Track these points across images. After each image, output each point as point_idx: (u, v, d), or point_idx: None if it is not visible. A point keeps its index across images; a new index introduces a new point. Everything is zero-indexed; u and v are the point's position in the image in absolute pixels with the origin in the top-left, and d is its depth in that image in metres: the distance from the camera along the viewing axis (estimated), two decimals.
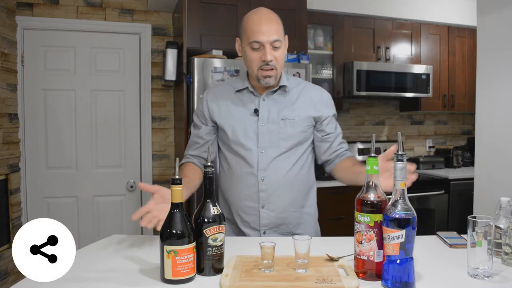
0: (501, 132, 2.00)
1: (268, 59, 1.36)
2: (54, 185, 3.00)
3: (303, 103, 1.49)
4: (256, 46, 1.37)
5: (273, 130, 1.45)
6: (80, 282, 1.00)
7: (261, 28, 1.35)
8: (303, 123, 1.47)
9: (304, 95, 1.50)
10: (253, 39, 1.36)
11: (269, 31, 1.36)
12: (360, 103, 3.78)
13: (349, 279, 0.98)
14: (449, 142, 4.13)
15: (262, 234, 1.47)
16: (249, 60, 1.41)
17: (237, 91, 1.49)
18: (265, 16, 1.39)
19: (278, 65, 1.40)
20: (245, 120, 1.46)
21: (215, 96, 1.52)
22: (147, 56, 3.15)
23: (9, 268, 2.65)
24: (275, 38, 1.36)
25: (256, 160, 1.45)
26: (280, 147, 1.46)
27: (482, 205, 2.09)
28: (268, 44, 1.36)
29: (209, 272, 1.03)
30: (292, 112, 1.47)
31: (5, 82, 2.70)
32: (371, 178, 1.01)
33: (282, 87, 1.48)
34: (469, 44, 3.70)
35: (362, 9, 3.38)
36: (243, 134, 1.46)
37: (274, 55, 1.38)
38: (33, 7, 2.92)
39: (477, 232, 1.00)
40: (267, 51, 1.36)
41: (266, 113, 1.46)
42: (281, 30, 1.41)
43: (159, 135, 3.22)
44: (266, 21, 1.37)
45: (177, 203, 1.00)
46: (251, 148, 1.45)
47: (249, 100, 1.48)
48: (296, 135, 1.47)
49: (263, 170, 1.45)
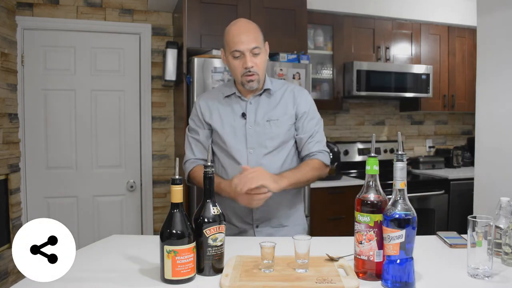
0: (501, 132, 2.00)
1: (248, 66, 1.47)
2: (54, 185, 3.00)
3: (285, 102, 1.58)
4: (237, 54, 1.48)
5: (260, 132, 1.54)
6: (80, 282, 1.00)
7: (240, 38, 1.46)
8: (287, 122, 1.56)
9: (286, 95, 1.60)
10: (234, 48, 1.47)
11: (248, 40, 1.46)
12: (360, 103, 3.78)
13: (349, 279, 0.98)
14: (449, 142, 4.13)
15: (255, 227, 1.55)
16: (233, 68, 1.52)
17: (225, 96, 1.59)
18: (243, 27, 1.50)
19: (259, 70, 1.50)
20: (234, 123, 1.56)
21: (206, 102, 1.61)
22: (147, 56, 3.15)
23: (9, 268, 2.65)
24: (254, 46, 1.47)
25: (245, 159, 1.53)
26: (267, 146, 1.54)
27: (482, 205, 2.09)
28: (248, 52, 1.46)
29: (209, 272, 1.03)
30: (276, 112, 1.55)
31: (5, 82, 2.70)
32: (371, 178, 1.01)
33: (266, 90, 1.58)
34: (469, 44, 3.70)
35: (362, 9, 3.38)
36: (233, 136, 1.55)
37: (254, 62, 1.48)
38: (33, 7, 2.92)
39: (477, 232, 1.01)
40: (247, 59, 1.47)
41: (253, 116, 1.56)
42: (260, 37, 1.51)
43: (159, 135, 3.22)
44: (244, 31, 1.48)
45: (177, 203, 1.01)
46: (240, 149, 1.54)
47: (237, 104, 1.58)
48: (282, 135, 1.55)
49: None
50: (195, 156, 1.61)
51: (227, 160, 1.57)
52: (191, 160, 1.61)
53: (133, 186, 3.14)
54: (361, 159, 3.56)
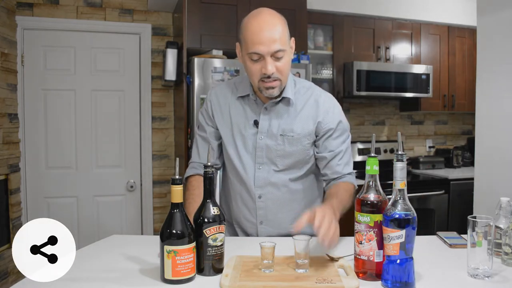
0: (501, 132, 2.00)
1: (269, 72, 1.23)
2: (54, 185, 3.00)
3: (306, 115, 1.35)
4: (255, 57, 1.23)
5: (271, 146, 1.34)
6: (80, 282, 1.00)
7: (261, 37, 1.20)
8: (304, 141, 1.35)
9: (309, 106, 1.36)
10: (252, 50, 1.22)
11: (270, 40, 1.20)
12: (360, 103, 3.77)
13: (349, 279, 0.98)
14: (449, 142, 4.12)
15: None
16: (249, 72, 1.28)
17: (239, 97, 1.39)
18: (266, 22, 1.22)
19: (282, 76, 1.27)
20: (244, 131, 1.36)
21: (218, 100, 1.43)
22: (147, 56, 3.15)
23: (9, 268, 2.65)
24: (277, 49, 1.21)
25: (252, 176, 1.36)
26: (278, 165, 1.35)
27: (482, 205, 2.09)
28: (269, 55, 1.22)
29: (209, 272, 1.03)
30: (293, 126, 1.34)
31: (5, 82, 2.70)
32: (371, 178, 1.01)
33: (285, 98, 1.34)
34: (469, 44, 3.69)
35: (362, 9, 3.37)
36: (242, 146, 1.37)
37: (276, 66, 1.24)
38: (33, 7, 2.92)
39: (477, 232, 1.00)
40: (268, 64, 1.22)
41: (266, 125, 1.35)
42: (285, 34, 1.26)
43: (159, 135, 3.22)
44: (267, 28, 1.21)
45: (177, 203, 1.00)
46: (248, 163, 1.36)
47: (250, 109, 1.37)
48: (296, 154, 1.35)
49: (260, 188, 1.37)
50: (200, 158, 1.44)
51: (233, 172, 1.41)
52: (193, 164, 1.46)
53: (133, 186, 3.14)
54: (361, 159, 3.56)
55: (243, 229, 1.45)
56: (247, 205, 1.41)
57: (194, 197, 1.35)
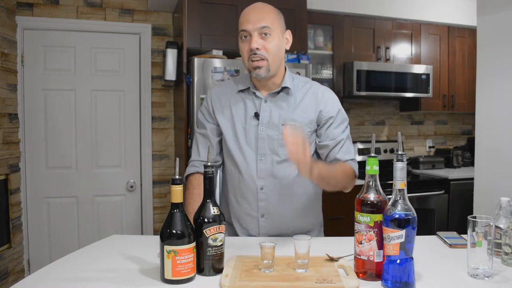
0: (501, 132, 2.00)
1: (253, 47, 1.28)
2: (54, 185, 3.00)
3: (306, 105, 1.39)
4: (244, 35, 1.32)
5: (273, 136, 1.37)
6: (80, 282, 1.00)
7: (249, 17, 1.30)
8: (306, 129, 1.38)
9: (308, 96, 1.40)
10: (240, 28, 1.32)
11: (256, 19, 1.29)
12: (360, 103, 3.78)
13: (349, 279, 0.98)
14: (449, 142, 4.13)
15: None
16: (241, 53, 1.35)
17: (239, 91, 1.42)
18: (256, 6, 1.34)
19: (269, 55, 1.30)
20: (245, 123, 1.39)
21: (218, 97, 1.45)
22: (147, 56, 3.15)
23: (9, 268, 2.65)
24: (263, 25, 1.28)
25: (255, 168, 1.38)
26: (280, 154, 1.36)
27: (482, 205, 2.09)
28: (256, 32, 1.29)
29: (209, 272, 1.03)
30: (294, 116, 1.37)
31: (5, 82, 2.70)
32: (371, 178, 1.01)
33: (285, 88, 1.39)
34: (469, 44, 3.69)
35: (362, 9, 3.38)
36: (243, 139, 1.39)
37: (263, 44, 1.29)
38: (33, 7, 2.92)
39: (477, 232, 1.00)
40: (253, 39, 1.28)
41: (267, 116, 1.37)
42: (274, 19, 1.32)
43: (159, 135, 3.22)
44: (255, 10, 1.31)
45: (177, 203, 1.00)
46: (250, 155, 1.38)
47: (250, 102, 1.40)
48: None
49: (262, 179, 1.38)
50: (200, 157, 1.45)
51: (233, 165, 1.41)
52: (193, 162, 1.46)
53: (133, 186, 3.14)
54: (361, 159, 3.56)
55: (243, 226, 1.45)
56: (248, 199, 1.41)
57: (194, 196, 1.37)
